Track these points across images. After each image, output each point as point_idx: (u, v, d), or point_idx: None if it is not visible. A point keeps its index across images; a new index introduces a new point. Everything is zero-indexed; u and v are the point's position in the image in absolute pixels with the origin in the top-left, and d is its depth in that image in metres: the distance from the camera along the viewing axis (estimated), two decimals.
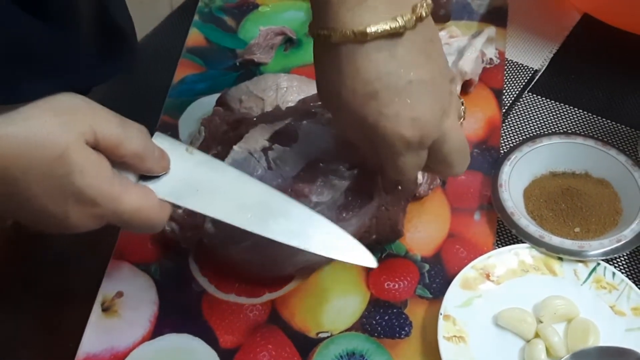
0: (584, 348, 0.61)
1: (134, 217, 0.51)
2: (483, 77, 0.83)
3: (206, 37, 0.90)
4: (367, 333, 0.65)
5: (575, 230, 0.69)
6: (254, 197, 0.56)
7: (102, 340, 0.65)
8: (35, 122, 0.48)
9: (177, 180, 0.54)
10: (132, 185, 0.52)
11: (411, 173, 0.57)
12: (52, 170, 0.48)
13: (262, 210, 0.55)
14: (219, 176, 0.56)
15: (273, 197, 0.56)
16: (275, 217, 0.55)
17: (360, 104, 0.53)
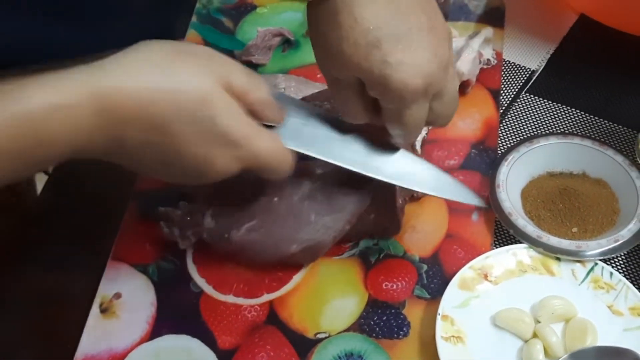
0: (581, 348, 0.61)
1: (270, 158, 0.55)
2: (480, 77, 0.83)
3: (204, 39, 0.90)
4: (365, 333, 0.65)
5: (573, 230, 0.69)
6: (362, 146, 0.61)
7: (100, 342, 0.65)
8: (178, 70, 0.51)
9: (292, 130, 0.59)
10: (263, 129, 0.55)
11: (416, 126, 0.58)
12: (198, 113, 0.51)
13: (372, 157, 0.61)
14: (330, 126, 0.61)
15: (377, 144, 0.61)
16: (384, 162, 0.61)
17: (363, 56, 0.54)
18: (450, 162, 0.76)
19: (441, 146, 0.78)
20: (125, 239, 0.72)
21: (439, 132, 0.79)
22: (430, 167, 0.64)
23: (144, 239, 0.71)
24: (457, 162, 0.76)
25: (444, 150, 0.77)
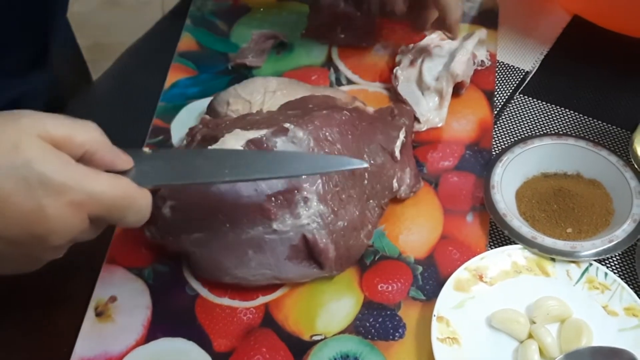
0: (577, 348, 0.62)
1: (112, 198, 0.51)
2: (474, 79, 0.83)
3: (198, 41, 0.90)
4: (361, 335, 0.65)
5: (568, 231, 0.70)
6: (225, 158, 0.58)
7: (95, 345, 0.65)
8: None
9: (144, 171, 0.55)
10: (101, 172, 0.52)
11: None
12: (11, 162, 0.48)
13: (237, 163, 0.58)
14: (182, 155, 0.59)
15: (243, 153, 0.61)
16: (251, 164, 0.58)
17: None
18: (444, 163, 0.76)
19: (435, 148, 0.78)
20: (120, 243, 0.71)
21: (433, 134, 0.79)
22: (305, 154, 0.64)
23: (139, 243, 0.71)
24: (451, 164, 0.76)
25: (438, 152, 0.77)
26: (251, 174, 0.58)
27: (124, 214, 0.52)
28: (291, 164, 0.60)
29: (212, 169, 0.57)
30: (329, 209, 0.66)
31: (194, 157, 0.60)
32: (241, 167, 0.57)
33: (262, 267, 0.66)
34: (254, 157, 0.61)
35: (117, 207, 0.52)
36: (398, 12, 0.79)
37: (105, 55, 1.89)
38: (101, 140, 0.53)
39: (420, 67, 0.82)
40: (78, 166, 0.50)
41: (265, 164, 0.59)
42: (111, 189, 0.51)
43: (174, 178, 0.56)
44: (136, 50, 0.92)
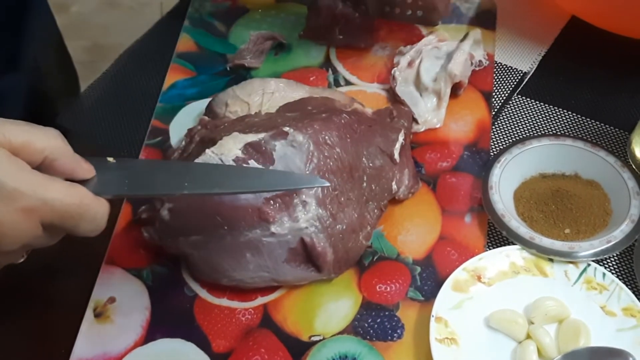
0: (575, 349, 0.62)
1: (67, 205, 0.51)
2: (472, 79, 0.83)
3: (196, 42, 0.90)
4: (360, 336, 0.65)
5: (566, 231, 0.70)
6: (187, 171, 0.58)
7: (94, 346, 0.65)
8: None
9: (104, 180, 0.55)
10: (58, 179, 0.52)
11: None
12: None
13: (197, 176, 0.57)
14: (145, 166, 0.59)
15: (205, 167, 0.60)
16: (211, 178, 0.58)
17: None
18: (443, 164, 0.77)
19: (434, 148, 0.78)
20: (119, 243, 0.71)
21: (431, 135, 0.79)
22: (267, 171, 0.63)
23: (138, 243, 0.71)
24: (449, 164, 0.76)
25: (436, 153, 0.77)
26: (210, 188, 0.58)
27: (78, 222, 0.52)
28: (251, 180, 0.59)
29: (172, 181, 0.57)
30: (327, 213, 0.66)
31: (157, 168, 0.59)
32: (201, 180, 0.57)
33: (260, 270, 0.66)
34: (215, 171, 0.61)
35: (70, 215, 0.51)
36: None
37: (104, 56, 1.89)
38: (62, 147, 0.52)
39: (418, 68, 0.82)
40: (33, 172, 0.50)
41: (225, 179, 0.58)
42: (65, 197, 0.51)
43: (133, 189, 0.56)
44: (135, 51, 0.92)
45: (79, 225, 0.52)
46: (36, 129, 0.52)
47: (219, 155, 0.65)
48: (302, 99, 0.76)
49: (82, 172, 0.54)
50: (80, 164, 0.53)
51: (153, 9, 2.16)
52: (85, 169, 0.54)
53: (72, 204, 0.51)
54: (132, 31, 1.02)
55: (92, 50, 2.12)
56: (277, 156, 0.66)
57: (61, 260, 0.71)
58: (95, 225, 0.53)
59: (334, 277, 0.68)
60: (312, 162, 0.66)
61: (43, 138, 0.51)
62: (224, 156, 0.65)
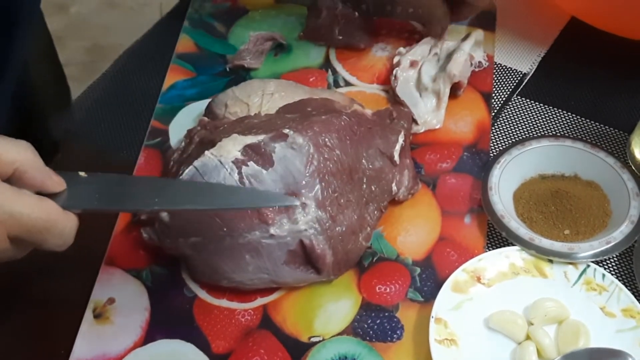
0: (574, 350, 0.62)
1: (34, 219, 0.50)
2: (472, 80, 0.83)
3: (196, 43, 0.90)
4: (359, 337, 0.65)
5: (565, 232, 0.70)
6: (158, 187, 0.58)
7: (93, 347, 0.65)
8: None
9: (75, 194, 0.54)
10: (28, 193, 0.51)
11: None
12: None
13: (168, 192, 0.57)
14: (117, 181, 0.57)
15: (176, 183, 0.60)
16: (181, 194, 0.57)
17: None
18: (442, 165, 0.77)
19: (433, 149, 0.78)
20: (118, 244, 0.71)
21: (431, 136, 0.79)
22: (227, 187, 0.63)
23: (137, 244, 0.71)
24: (449, 165, 0.76)
25: (436, 154, 0.77)
26: (180, 204, 0.57)
27: (45, 237, 0.51)
28: (222, 198, 0.58)
29: (142, 196, 0.56)
30: (327, 215, 0.66)
31: (128, 183, 0.59)
32: (171, 196, 0.57)
33: (259, 272, 0.66)
34: (186, 187, 0.60)
35: (37, 230, 0.51)
36: None
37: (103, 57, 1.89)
38: (32, 159, 0.52)
39: (419, 69, 0.82)
40: (1, 185, 0.50)
41: (195, 196, 0.58)
42: (32, 211, 0.50)
43: (102, 204, 0.55)
44: (134, 51, 0.92)
45: (47, 240, 0.52)
46: (6, 141, 0.51)
47: (218, 157, 0.65)
48: (302, 100, 0.76)
49: (53, 185, 0.53)
50: (50, 177, 0.53)
51: (153, 10, 2.16)
52: (56, 182, 0.53)
53: (39, 218, 0.50)
54: (131, 31, 1.02)
55: (91, 50, 2.12)
56: (277, 158, 0.66)
57: (60, 261, 0.70)
58: (63, 240, 0.53)
59: (333, 279, 0.68)
60: (312, 164, 0.66)
61: (13, 150, 0.51)
62: (223, 158, 0.65)
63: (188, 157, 0.70)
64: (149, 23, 0.97)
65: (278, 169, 0.66)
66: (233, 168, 0.65)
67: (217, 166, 0.65)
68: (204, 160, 0.65)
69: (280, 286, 0.68)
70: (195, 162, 0.66)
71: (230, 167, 0.65)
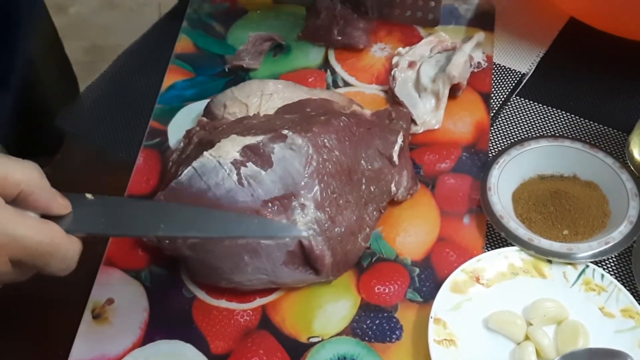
0: (573, 350, 0.62)
1: (40, 245, 0.50)
2: (471, 81, 0.83)
3: (195, 43, 0.90)
4: (358, 337, 0.65)
5: (564, 232, 0.70)
6: (164, 212, 0.57)
7: (92, 348, 0.65)
8: None
9: (80, 217, 0.53)
10: (32, 216, 0.51)
11: None
12: None
13: (174, 219, 0.56)
14: (123, 205, 0.57)
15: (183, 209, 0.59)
16: (187, 222, 0.56)
17: None
18: (441, 165, 0.77)
19: (432, 150, 0.78)
20: (117, 245, 0.71)
21: (430, 136, 0.79)
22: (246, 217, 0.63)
23: (136, 245, 0.71)
24: (448, 166, 0.77)
25: (435, 154, 0.77)
26: (185, 232, 0.57)
27: (48, 261, 0.51)
28: (229, 226, 0.58)
29: (148, 222, 0.56)
30: (326, 216, 0.66)
31: (135, 208, 0.58)
32: (177, 223, 0.56)
33: (258, 272, 0.66)
34: (193, 214, 0.59)
35: (40, 254, 0.50)
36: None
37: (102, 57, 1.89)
38: (38, 181, 0.51)
39: (418, 69, 0.82)
40: (4, 207, 0.49)
41: (202, 223, 0.57)
42: (36, 234, 0.50)
43: (108, 228, 0.55)
44: (133, 52, 0.92)
45: (49, 264, 0.51)
46: (13, 162, 0.51)
47: (217, 157, 0.65)
48: (301, 101, 0.76)
49: (58, 207, 0.52)
50: (56, 199, 0.52)
51: (152, 10, 2.16)
52: (61, 204, 0.53)
53: (42, 242, 0.50)
54: (131, 32, 1.02)
55: (90, 50, 2.12)
56: (276, 159, 0.66)
57: None
58: (66, 264, 0.52)
59: (332, 279, 0.68)
60: (311, 165, 0.66)
61: (19, 171, 0.50)
62: (222, 159, 0.65)
63: (187, 158, 0.70)
64: (148, 23, 0.97)
65: (277, 169, 0.66)
66: (232, 169, 0.65)
67: (216, 167, 0.65)
68: (202, 161, 0.65)
69: (279, 287, 0.68)
70: (194, 162, 0.66)
71: (229, 168, 0.65)
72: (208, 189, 0.65)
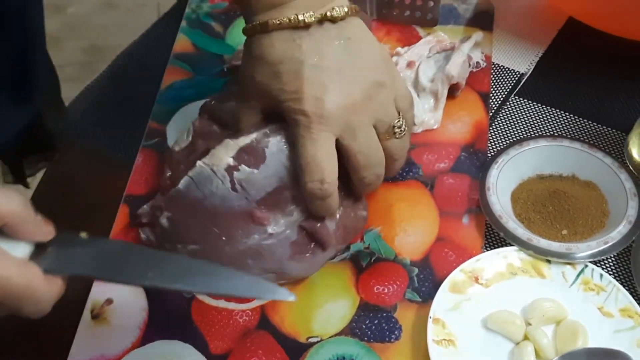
0: (572, 350, 0.62)
1: (17, 287, 0.49)
2: (470, 80, 0.83)
3: (194, 43, 0.90)
4: (357, 337, 0.65)
5: (563, 232, 0.70)
6: (156, 261, 0.55)
7: (91, 348, 0.65)
8: None
9: (67, 255, 0.53)
10: (10, 256, 0.50)
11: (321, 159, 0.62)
12: None
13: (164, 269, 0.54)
14: (114, 249, 0.56)
15: (177, 260, 0.56)
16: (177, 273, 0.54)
17: (266, 83, 0.64)
18: (440, 165, 0.77)
19: (431, 149, 0.78)
20: None
21: (429, 136, 0.79)
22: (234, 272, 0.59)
23: None
24: (447, 165, 0.77)
25: (433, 154, 0.77)
26: (173, 283, 0.54)
27: (22, 304, 0.50)
28: (220, 282, 0.55)
29: (136, 270, 0.54)
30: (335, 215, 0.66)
31: (126, 253, 0.56)
32: (167, 274, 0.54)
33: (264, 273, 0.66)
34: (185, 265, 0.56)
35: (15, 296, 0.49)
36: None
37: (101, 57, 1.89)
38: (22, 210, 0.50)
39: (416, 69, 0.82)
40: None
41: (193, 276, 0.54)
42: (13, 277, 0.49)
43: (94, 271, 0.54)
44: (132, 52, 0.92)
45: (22, 307, 0.51)
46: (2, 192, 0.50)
47: (210, 166, 0.65)
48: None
49: (42, 235, 0.52)
50: (40, 227, 0.52)
51: (150, 10, 2.16)
52: (45, 232, 0.52)
53: (19, 285, 0.49)
54: (129, 32, 1.02)
55: (89, 51, 2.12)
56: (270, 153, 0.65)
57: None
58: (39, 308, 0.52)
59: (340, 249, 0.68)
60: None
61: (4, 204, 0.49)
62: (215, 167, 0.65)
63: (196, 155, 0.69)
64: (147, 23, 0.96)
65: (270, 164, 0.65)
66: (225, 176, 0.65)
67: (210, 175, 0.65)
68: (197, 170, 0.66)
69: (287, 281, 0.67)
70: (190, 172, 0.66)
71: (222, 176, 0.65)
72: (204, 198, 0.65)
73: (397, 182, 0.75)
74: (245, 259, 0.65)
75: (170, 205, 0.67)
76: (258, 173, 0.65)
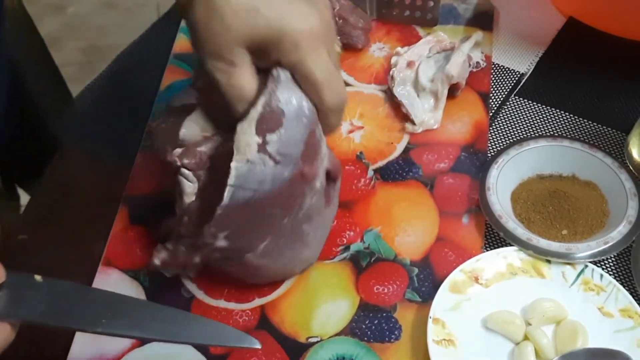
0: (572, 350, 0.62)
1: None
2: (470, 80, 0.83)
3: None
4: (357, 337, 0.65)
5: (563, 232, 0.70)
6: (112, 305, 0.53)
7: (91, 349, 0.65)
8: None
9: (19, 300, 0.51)
10: None
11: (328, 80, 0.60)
12: None
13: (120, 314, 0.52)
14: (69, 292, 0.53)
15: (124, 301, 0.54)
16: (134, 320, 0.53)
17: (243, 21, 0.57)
18: (440, 165, 0.77)
19: (431, 149, 0.78)
20: (115, 244, 0.71)
21: (429, 136, 0.79)
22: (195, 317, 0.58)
23: (135, 244, 0.71)
24: (447, 165, 0.77)
25: (433, 154, 0.77)
26: (128, 330, 0.52)
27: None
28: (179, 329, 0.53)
29: (90, 316, 0.52)
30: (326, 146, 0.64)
31: (83, 297, 0.54)
32: (121, 320, 0.52)
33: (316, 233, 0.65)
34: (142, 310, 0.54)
35: None
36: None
37: (100, 57, 1.89)
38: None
39: (416, 69, 0.82)
40: None
41: (149, 322, 0.52)
42: None
43: (44, 317, 0.51)
44: (132, 52, 0.92)
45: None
46: None
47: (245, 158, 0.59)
48: None
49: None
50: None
51: (150, 10, 2.16)
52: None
53: None
54: (129, 32, 1.02)
55: (89, 51, 2.12)
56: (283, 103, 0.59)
57: (57, 262, 0.71)
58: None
59: None
60: None
61: None
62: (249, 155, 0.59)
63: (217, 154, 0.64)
64: (147, 23, 0.96)
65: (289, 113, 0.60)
66: (262, 157, 0.58)
67: (249, 168, 0.58)
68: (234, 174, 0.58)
69: (281, 283, 0.67)
70: (229, 179, 0.58)
71: (259, 159, 0.58)
72: (254, 192, 0.59)
73: (397, 182, 0.75)
74: (303, 227, 0.63)
75: (222, 224, 0.60)
76: (285, 130, 0.59)
